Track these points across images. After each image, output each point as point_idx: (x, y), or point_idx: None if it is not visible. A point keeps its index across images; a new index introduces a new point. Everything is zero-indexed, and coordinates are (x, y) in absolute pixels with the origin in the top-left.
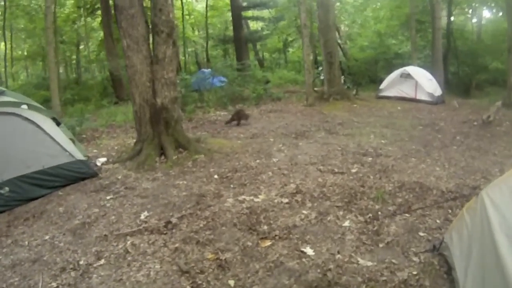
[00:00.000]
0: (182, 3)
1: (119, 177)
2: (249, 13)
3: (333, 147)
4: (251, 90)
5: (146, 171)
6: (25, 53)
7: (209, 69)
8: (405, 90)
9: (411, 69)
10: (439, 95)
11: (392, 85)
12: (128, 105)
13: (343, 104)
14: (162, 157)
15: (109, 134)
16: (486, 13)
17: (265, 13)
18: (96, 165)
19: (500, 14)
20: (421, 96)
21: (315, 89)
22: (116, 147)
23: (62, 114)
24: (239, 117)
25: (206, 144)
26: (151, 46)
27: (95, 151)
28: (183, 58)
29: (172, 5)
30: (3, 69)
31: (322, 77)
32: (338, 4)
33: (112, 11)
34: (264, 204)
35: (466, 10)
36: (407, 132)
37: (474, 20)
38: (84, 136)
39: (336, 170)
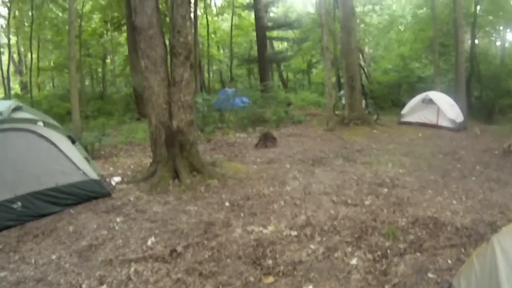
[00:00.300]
0: (207, 21)
1: (131, 198)
2: (274, 33)
3: (349, 176)
4: (272, 112)
5: (158, 194)
6: (52, 64)
7: (232, 89)
8: (427, 116)
9: (433, 95)
10: (461, 121)
11: (414, 110)
12: None
13: (363, 129)
14: (176, 180)
15: (127, 151)
16: (511, 36)
17: (290, 33)
18: (111, 184)
19: None
20: (443, 123)
21: (336, 112)
22: (132, 166)
23: (83, 128)
24: (265, 139)
25: (221, 168)
26: (169, 68)
27: (111, 169)
28: (207, 76)
29: (191, 27)
30: (29, 79)
31: (343, 101)
32: (362, 25)
33: None
34: (272, 237)
35: (491, 32)
36: (427, 160)
37: (498, 43)
38: (102, 152)
39: (349, 201)
